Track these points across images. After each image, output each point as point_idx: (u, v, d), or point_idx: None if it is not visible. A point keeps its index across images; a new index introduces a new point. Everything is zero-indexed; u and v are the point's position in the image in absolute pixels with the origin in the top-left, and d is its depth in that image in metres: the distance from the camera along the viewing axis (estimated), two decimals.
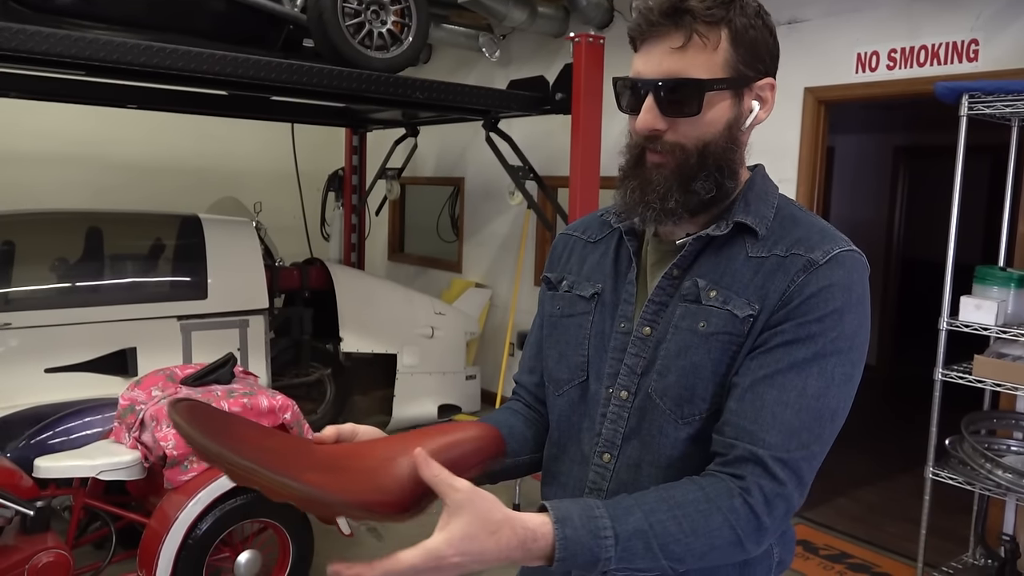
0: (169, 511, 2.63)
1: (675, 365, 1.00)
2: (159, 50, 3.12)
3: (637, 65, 1.01)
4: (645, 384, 1.03)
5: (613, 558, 0.88)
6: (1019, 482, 2.71)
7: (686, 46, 0.97)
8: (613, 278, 1.11)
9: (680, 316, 1.02)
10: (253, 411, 2.83)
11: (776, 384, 0.94)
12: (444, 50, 6.16)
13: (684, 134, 0.99)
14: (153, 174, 6.06)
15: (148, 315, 3.89)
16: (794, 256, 0.99)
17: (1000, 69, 3.20)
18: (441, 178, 6.45)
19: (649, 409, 1.02)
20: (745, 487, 0.92)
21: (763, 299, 0.98)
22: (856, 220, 7.28)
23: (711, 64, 0.97)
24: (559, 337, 1.14)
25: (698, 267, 1.03)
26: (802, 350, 0.95)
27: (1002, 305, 2.86)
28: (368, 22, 3.63)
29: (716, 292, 1.00)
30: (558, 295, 1.17)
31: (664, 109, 0.98)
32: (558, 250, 1.23)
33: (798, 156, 3.92)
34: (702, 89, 0.97)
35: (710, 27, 0.97)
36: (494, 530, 0.86)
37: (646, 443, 1.02)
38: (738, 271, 1.01)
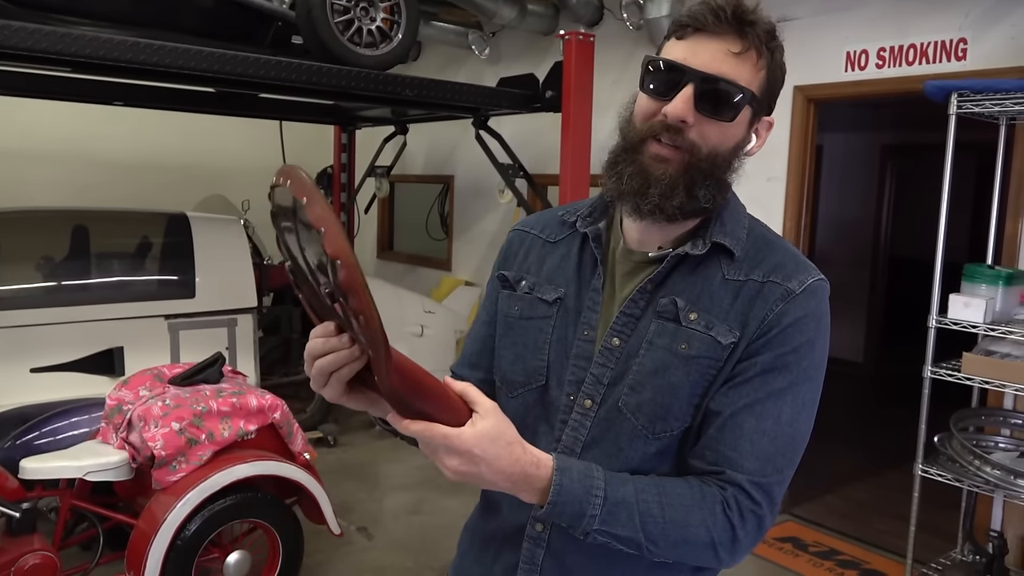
0: (157, 512, 2.61)
1: (651, 382, 1.01)
2: (145, 46, 3.09)
3: (681, 53, 0.98)
4: (613, 396, 1.03)
5: (598, 517, 0.93)
6: (1007, 479, 2.73)
7: (742, 55, 0.97)
8: (576, 284, 1.09)
9: (655, 333, 1.02)
10: (242, 410, 2.81)
11: (754, 413, 0.98)
12: (434, 47, 6.14)
13: (705, 136, 0.99)
14: (140, 171, 6.01)
15: (135, 314, 3.86)
16: (772, 284, 1.01)
17: (988, 68, 3.21)
18: (431, 176, 6.44)
19: (616, 421, 1.02)
20: (726, 498, 0.97)
21: (743, 326, 1.00)
22: (844, 218, 7.32)
23: (754, 81, 0.99)
24: (516, 339, 1.11)
25: (672, 284, 1.03)
26: (778, 379, 0.99)
27: (990, 303, 2.87)
28: (357, 19, 3.61)
29: (697, 315, 1.01)
30: (516, 295, 1.13)
31: (701, 105, 0.97)
32: (514, 246, 1.19)
33: (787, 154, 3.92)
34: (745, 99, 0.98)
35: (762, 49, 0.99)
36: (511, 441, 0.91)
37: (608, 453, 1.02)
38: (715, 294, 1.02)
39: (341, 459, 4.70)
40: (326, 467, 4.34)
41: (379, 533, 3.76)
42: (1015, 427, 3.09)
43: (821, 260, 7.46)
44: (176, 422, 2.66)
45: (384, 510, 4.05)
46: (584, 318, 1.06)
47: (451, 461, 0.88)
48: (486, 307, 1.21)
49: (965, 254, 3.84)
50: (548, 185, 4.92)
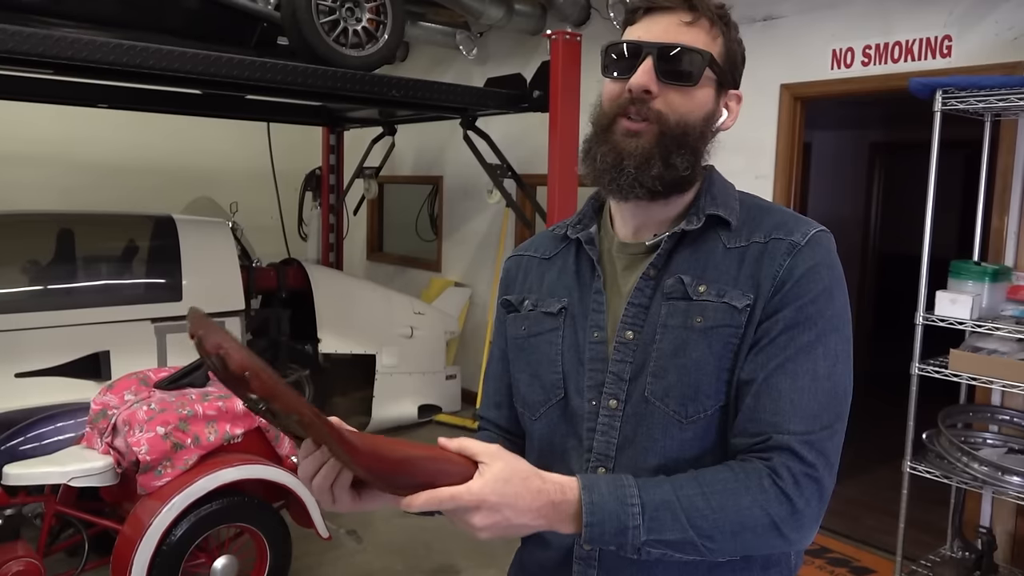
0: (143, 517, 2.59)
1: (672, 364, 0.97)
2: (129, 48, 3.07)
3: (636, 33, 1.01)
4: (636, 389, 0.99)
5: (642, 527, 0.87)
6: (995, 475, 2.73)
7: (694, 23, 0.99)
8: (578, 290, 1.07)
9: (667, 315, 0.99)
10: (228, 414, 2.79)
11: (788, 372, 0.94)
12: (421, 48, 6.12)
13: (671, 105, 0.98)
14: (125, 174, 5.98)
15: (121, 318, 3.83)
16: (775, 240, 0.99)
17: (973, 64, 3.22)
18: (419, 177, 6.42)
19: (646, 414, 0.98)
20: (773, 468, 0.90)
21: (756, 287, 0.97)
22: (833, 216, 7.33)
23: (712, 46, 1.00)
24: (528, 359, 1.08)
25: (675, 264, 1.01)
26: (805, 333, 0.95)
27: (977, 299, 2.88)
28: (343, 20, 3.59)
29: (706, 287, 0.98)
30: (520, 316, 1.11)
31: (662, 73, 0.97)
32: (512, 272, 1.17)
33: (775, 152, 3.93)
34: (704, 61, 0.99)
35: (713, 18, 1.01)
36: (525, 476, 0.87)
37: (644, 449, 0.98)
38: (720, 264, 0.99)
39: None
40: None
41: (369, 536, 3.74)
42: (1003, 423, 3.09)
43: None
44: (161, 426, 2.63)
45: (373, 514, 4.03)
46: (591, 320, 1.03)
47: (474, 519, 0.84)
48: (497, 343, 1.18)
49: (954, 251, 3.84)
50: (537, 185, 4.91)
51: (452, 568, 3.46)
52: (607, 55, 1.02)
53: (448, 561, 3.51)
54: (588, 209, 1.12)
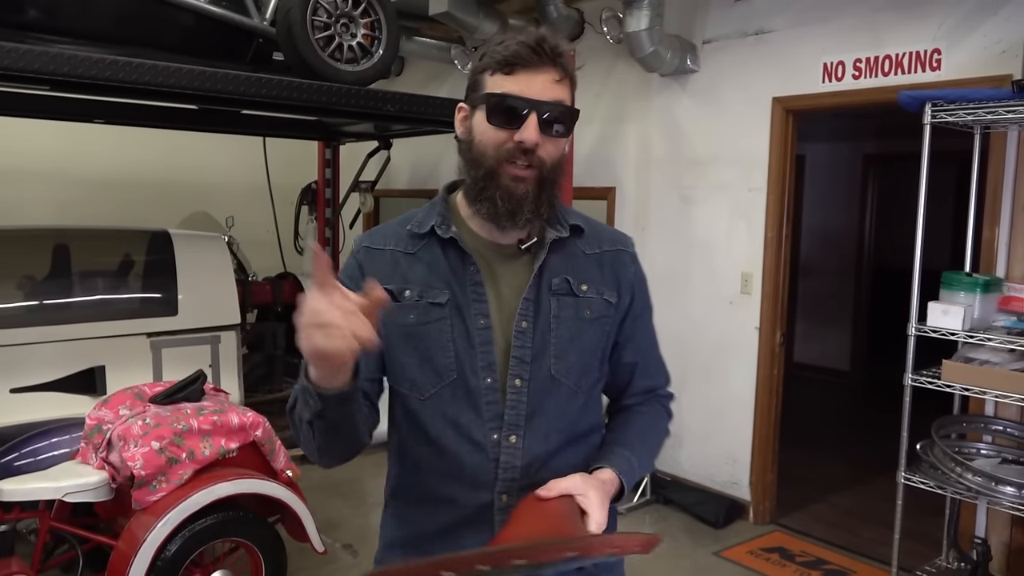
0: (138, 532, 2.58)
1: (571, 348, 1.23)
2: (125, 64, 3.09)
3: (516, 87, 1.15)
4: (541, 369, 1.21)
5: (637, 472, 1.25)
6: (988, 485, 2.74)
7: (562, 81, 1.18)
8: (457, 283, 1.22)
9: (558, 308, 1.23)
10: (223, 428, 2.79)
11: (651, 350, 1.38)
12: (416, 62, 6.16)
13: (548, 152, 1.18)
14: (121, 189, 5.99)
15: (117, 332, 3.83)
16: (620, 251, 1.33)
17: (962, 78, 3.25)
18: (415, 190, 6.44)
19: (552, 388, 1.22)
20: (665, 406, 1.40)
21: (618, 287, 1.30)
22: (828, 228, 7.37)
23: (572, 99, 1.21)
24: (417, 344, 1.21)
25: (551, 265, 1.25)
26: (648, 317, 1.37)
27: (968, 310, 2.89)
28: (338, 35, 3.62)
29: (587, 286, 1.26)
30: (407, 306, 1.22)
31: (545, 128, 1.16)
32: (377, 263, 1.25)
33: (767, 165, 3.95)
34: (575, 117, 1.21)
35: (570, 73, 1.20)
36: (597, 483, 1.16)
37: (549, 416, 1.22)
38: (584, 267, 1.28)
39: (327, 476, 4.66)
40: (312, 484, 4.31)
41: (365, 550, 3.73)
42: (996, 433, 3.10)
43: (806, 270, 7.51)
44: (156, 441, 2.63)
45: (370, 527, 4.02)
46: (475, 310, 1.21)
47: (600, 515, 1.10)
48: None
49: (947, 262, 3.87)
50: None
51: None
52: (492, 105, 1.17)
53: None
54: (442, 210, 1.27)
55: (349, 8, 3.63)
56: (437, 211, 1.27)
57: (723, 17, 4.14)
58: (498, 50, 1.17)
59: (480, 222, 1.24)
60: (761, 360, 4.05)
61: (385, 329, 1.18)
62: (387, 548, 1.32)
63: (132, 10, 3.55)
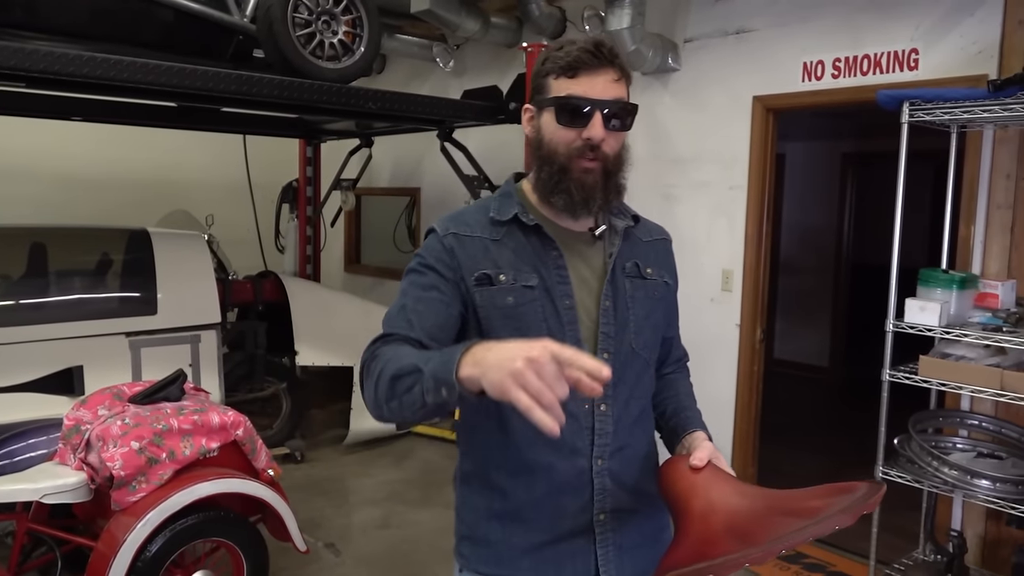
0: (117, 533, 2.56)
1: (646, 324, 1.40)
2: (103, 61, 3.06)
3: (581, 89, 1.28)
4: (622, 343, 1.36)
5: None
6: (964, 479, 2.78)
7: (620, 80, 1.31)
8: (543, 266, 1.34)
9: (632, 289, 1.39)
10: (204, 428, 2.77)
11: (677, 324, 1.58)
12: (398, 60, 6.14)
13: (611, 146, 1.32)
14: (99, 187, 5.93)
15: (95, 332, 3.79)
16: (664, 240, 1.52)
17: (939, 77, 3.29)
18: (397, 188, 6.43)
19: (631, 360, 1.37)
20: (687, 368, 1.62)
21: (670, 271, 1.49)
22: (807, 226, 7.43)
23: (629, 95, 1.34)
24: (516, 324, 1.31)
25: (622, 251, 1.40)
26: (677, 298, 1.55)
27: (945, 306, 2.93)
28: (319, 32, 3.60)
29: (652, 270, 1.43)
30: (503, 288, 1.32)
31: (608, 125, 1.29)
32: (467, 248, 1.33)
33: (748, 163, 3.98)
34: (634, 111, 1.34)
35: (627, 72, 1.34)
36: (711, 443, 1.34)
37: (628, 384, 1.37)
38: (645, 253, 1.44)
39: (309, 475, 4.65)
40: (293, 483, 4.30)
41: (347, 549, 3.72)
42: (972, 428, 3.15)
43: (785, 267, 7.56)
44: (136, 441, 2.61)
45: (352, 525, 4.01)
46: (560, 291, 1.33)
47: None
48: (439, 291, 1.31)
49: (924, 259, 3.91)
50: None
51: None
52: (560, 107, 1.29)
53: (427, 572, 3.51)
54: (516, 200, 1.39)
55: (330, 5, 3.62)
56: (515, 200, 1.38)
57: (704, 16, 4.16)
58: (560, 55, 1.30)
59: (552, 211, 1.36)
60: (742, 357, 4.08)
61: (484, 311, 1.32)
62: (482, 521, 1.37)
63: (110, 6, 3.52)
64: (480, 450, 1.38)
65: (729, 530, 1.13)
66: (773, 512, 1.12)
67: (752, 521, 1.12)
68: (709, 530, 1.15)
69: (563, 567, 1.33)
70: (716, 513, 1.16)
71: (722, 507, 1.17)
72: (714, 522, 1.15)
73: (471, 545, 1.39)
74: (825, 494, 1.12)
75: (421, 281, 1.34)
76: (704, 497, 1.19)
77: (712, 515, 1.17)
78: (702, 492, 1.20)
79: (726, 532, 1.13)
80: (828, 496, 1.11)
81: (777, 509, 1.12)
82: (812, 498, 1.12)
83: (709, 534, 1.15)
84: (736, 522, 1.14)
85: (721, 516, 1.15)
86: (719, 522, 1.15)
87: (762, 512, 1.13)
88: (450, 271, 1.32)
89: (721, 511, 1.16)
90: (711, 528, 1.15)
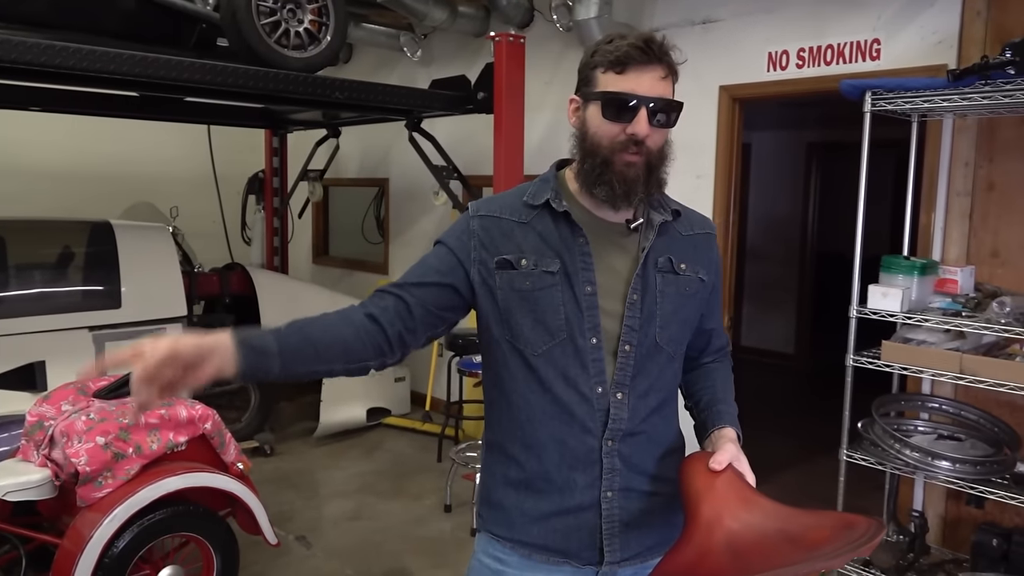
0: (83, 530, 2.52)
1: (674, 320, 1.40)
2: (62, 49, 2.99)
3: (628, 85, 1.29)
4: (646, 336, 1.37)
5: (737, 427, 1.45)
6: (925, 460, 2.84)
7: (667, 78, 1.32)
8: (567, 252, 1.36)
9: (663, 284, 1.39)
10: (171, 422, 2.74)
11: (720, 314, 1.58)
12: (365, 50, 6.09)
13: (655, 141, 1.33)
14: (60, 179, 5.80)
15: (57, 326, 3.73)
16: (708, 234, 1.50)
17: (900, 67, 3.35)
18: (365, 179, 6.38)
19: (654, 353, 1.39)
20: (729, 359, 1.61)
21: (707, 267, 1.46)
22: (772, 215, 7.52)
23: (675, 92, 1.34)
24: (533, 307, 1.35)
25: (656, 246, 1.40)
26: (720, 291, 1.55)
27: (906, 292, 2.99)
28: (284, 21, 3.56)
29: (685, 265, 1.42)
30: (523, 272, 1.36)
31: (653, 121, 1.30)
32: (491, 231, 1.39)
33: (715, 152, 4.02)
34: (679, 109, 1.34)
35: (675, 71, 1.33)
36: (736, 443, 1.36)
37: (649, 376, 1.39)
38: (682, 248, 1.43)
39: (278, 468, 4.62)
40: (263, 476, 4.26)
41: (318, 541, 3.71)
42: (932, 411, 3.22)
43: (751, 255, 7.65)
44: (101, 436, 2.57)
45: (323, 518, 4.00)
46: (582, 278, 1.35)
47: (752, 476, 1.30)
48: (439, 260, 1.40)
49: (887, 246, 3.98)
50: (482, 186, 4.93)
51: (404, 570, 3.45)
52: (606, 101, 1.31)
53: (399, 564, 3.51)
54: (554, 186, 1.41)
55: None
56: (551, 186, 1.40)
57: (670, 5, 4.18)
58: (609, 49, 1.30)
59: (593, 201, 1.38)
60: None
61: (503, 293, 1.36)
62: (499, 487, 1.44)
63: None
64: (497, 423, 1.44)
65: (729, 547, 1.14)
66: (779, 536, 1.13)
67: (754, 543, 1.13)
68: (710, 542, 1.16)
69: (569, 537, 1.38)
70: (722, 526, 1.17)
71: (729, 520, 1.17)
72: (717, 535, 1.16)
73: (488, 508, 1.46)
74: (833, 524, 1.13)
75: (434, 251, 1.44)
76: (714, 505, 1.20)
77: (717, 527, 1.17)
78: (714, 499, 1.21)
79: (725, 549, 1.14)
80: (835, 527, 1.12)
81: (783, 533, 1.13)
82: (820, 527, 1.13)
83: (708, 546, 1.15)
84: (738, 540, 1.14)
85: (725, 530, 1.16)
86: (722, 536, 1.15)
87: (769, 534, 1.14)
88: (463, 250, 1.39)
89: (727, 524, 1.17)
90: (712, 540, 1.16)
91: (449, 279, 1.39)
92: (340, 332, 1.33)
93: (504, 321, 1.37)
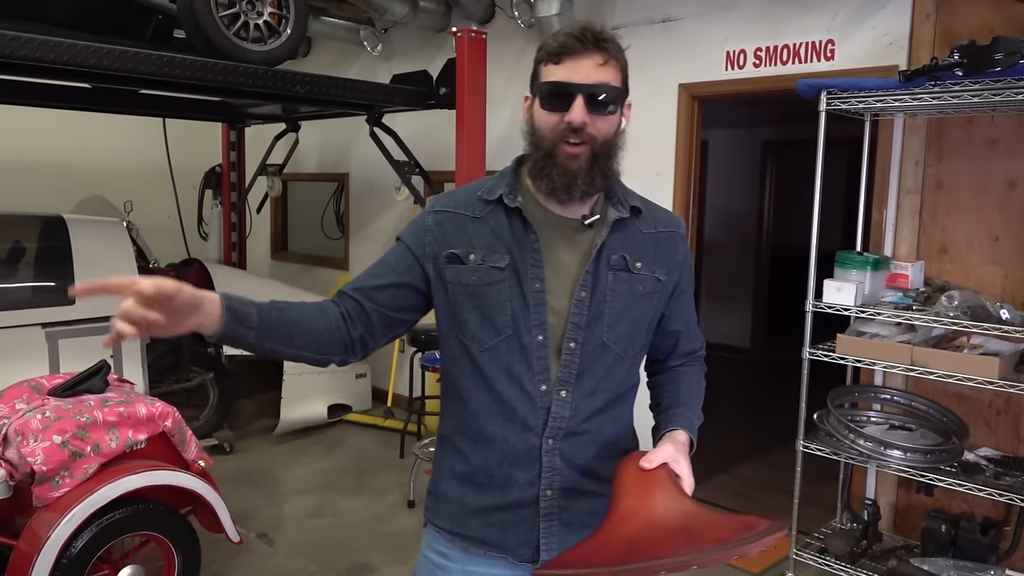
0: (40, 531, 2.47)
1: (623, 319, 1.37)
2: (12, 39, 2.91)
3: (564, 74, 1.28)
4: (594, 335, 1.35)
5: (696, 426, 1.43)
6: (878, 450, 2.93)
7: (606, 64, 1.29)
8: (517, 248, 1.35)
9: (614, 281, 1.37)
10: (131, 419, 2.70)
11: (689, 317, 1.53)
12: (324, 43, 6.03)
13: (599, 129, 1.30)
14: (9, 173, 5.64)
15: (8, 323, 3.63)
16: (673, 233, 1.46)
17: (854, 67, 3.43)
18: (325, 174, 6.32)
19: (601, 352, 1.36)
20: (703, 363, 1.60)
21: (670, 265, 1.43)
22: (729, 211, 7.65)
23: (617, 79, 1.32)
24: (479, 303, 1.35)
25: (611, 242, 1.37)
26: (690, 291, 1.51)
27: (860, 287, 3.08)
28: (243, 13, 3.51)
29: (641, 264, 1.39)
30: (470, 267, 1.35)
31: (591, 108, 1.28)
32: (445, 226, 1.39)
33: (674, 150, 4.07)
34: (620, 95, 1.32)
35: (617, 56, 1.32)
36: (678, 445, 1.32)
37: (596, 375, 1.37)
38: (641, 246, 1.40)
39: (239, 466, 4.57)
40: (223, 474, 4.21)
41: (280, 539, 3.68)
42: (884, 402, 3.32)
43: (708, 251, 7.76)
44: (58, 435, 2.52)
45: (285, 515, 3.97)
46: (532, 274, 1.34)
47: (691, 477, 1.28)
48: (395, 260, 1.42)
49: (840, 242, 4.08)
50: (444, 182, 4.93)
51: (367, 567, 3.45)
52: (544, 92, 1.31)
53: (362, 560, 3.50)
54: (511, 181, 1.40)
55: None
56: (507, 181, 1.40)
57: (631, 4, 4.22)
58: (549, 42, 1.31)
59: (544, 196, 1.37)
60: None
61: (452, 288, 1.36)
62: (445, 480, 1.45)
63: None
64: (448, 416, 1.45)
65: (628, 541, 1.12)
66: (679, 533, 1.12)
67: (653, 538, 1.12)
68: (613, 535, 1.15)
69: (507, 534, 1.38)
70: (632, 520, 1.16)
71: (642, 515, 1.16)
72: (624, 529, 1.15)
73: (434, 499, 1.47)
74: (736, 525, 1.12)
75: (393, 249, 1.45)
76: (633, 502, 1.19)
77: (627, 521, 1.16)
78: (635, 496, 1.20)
79: (625, 542, 1.12)
80: (736, 528, 1.11)
81: (685, 530, 1.12)
82: (722, 527, 1.12)
83: (610, 539, 1.15)
84: (640, 534, 1.13)
85: (634, 524, 1.15)
86: (628, 530, 1.14)
87: (671, 531, 1.13)
88: (418, 246, 1.40)
89: (638, 519, 1.16)
90: (616, 534, 1.15)
91: (406, 278, 1.39)
92: (316, 322, 1.34)
93: (452, 315, 1.38)
